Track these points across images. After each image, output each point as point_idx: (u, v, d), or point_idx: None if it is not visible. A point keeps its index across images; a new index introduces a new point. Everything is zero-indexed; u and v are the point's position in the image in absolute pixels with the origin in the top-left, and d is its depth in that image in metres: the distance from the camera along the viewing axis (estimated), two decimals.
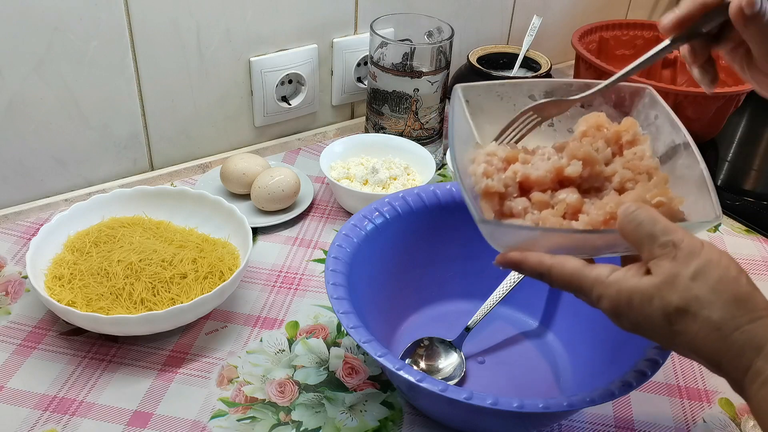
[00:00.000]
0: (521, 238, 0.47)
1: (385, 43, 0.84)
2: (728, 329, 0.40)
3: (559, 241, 0.47)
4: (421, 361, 0.62)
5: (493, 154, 0.50)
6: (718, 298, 0.40)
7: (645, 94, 0.54)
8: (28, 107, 0.73)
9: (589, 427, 0.59)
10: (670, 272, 0.41)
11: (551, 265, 0.45)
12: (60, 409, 0.57)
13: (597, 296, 0.43)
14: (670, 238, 0.41)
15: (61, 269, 0.65)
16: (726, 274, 0.41)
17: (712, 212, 0.46)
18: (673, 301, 0.40)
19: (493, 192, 0.48)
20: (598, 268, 0.44)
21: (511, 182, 0.49)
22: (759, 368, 0.39)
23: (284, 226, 0.80)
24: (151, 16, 0.76)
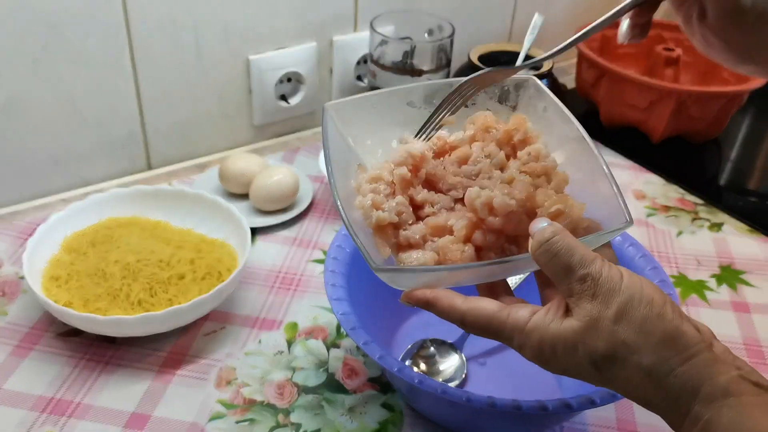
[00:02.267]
0: (427, 279, 0.43)
1: (385, 41, 0.83)
2: (661, 374, 0.37)
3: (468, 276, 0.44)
4: (421, 363, 0.61)
5: (378, 179, 0.46)
6: (645, 340, 0.37)
7: (529, 84, 0.50)
8: (25, 106, 0.73)
9: (591, 429, 0.58)
10: (592, 315, 0.38)
11: (464, 312, 0.42)
12: (57, 410, 0.57)
13: (518, 345, 0.41)
14: (587, 271, 0.38)
15: (58, 270, 0.64)
16: (650, 312, 0.38)
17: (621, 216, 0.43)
18: (599, 348, 0.38)
19: (385, 224, 0.44)
20: (516, 313, 0.41)
21: (404, 208, 0.45)
22: (696, 413, 0.36)
23: (283, 226, 0.79)
24: (148, 14, 0.75)
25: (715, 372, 0.36)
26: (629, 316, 0.38)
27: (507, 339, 0.41)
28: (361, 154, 0.49)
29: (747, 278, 0.76)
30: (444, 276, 0.43)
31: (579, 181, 0.47)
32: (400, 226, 0.45)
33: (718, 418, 0.36)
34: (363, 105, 0.50)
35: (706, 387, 0.36)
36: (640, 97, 0.94)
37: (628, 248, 0.60)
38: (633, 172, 0.94)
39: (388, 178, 0.46)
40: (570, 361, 0.39)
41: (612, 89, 0.96)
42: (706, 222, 0.85)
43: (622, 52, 1.10)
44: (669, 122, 0.94)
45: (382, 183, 0.46)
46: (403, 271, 0.44)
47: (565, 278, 0.39)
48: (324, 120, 0.47)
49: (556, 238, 0.39)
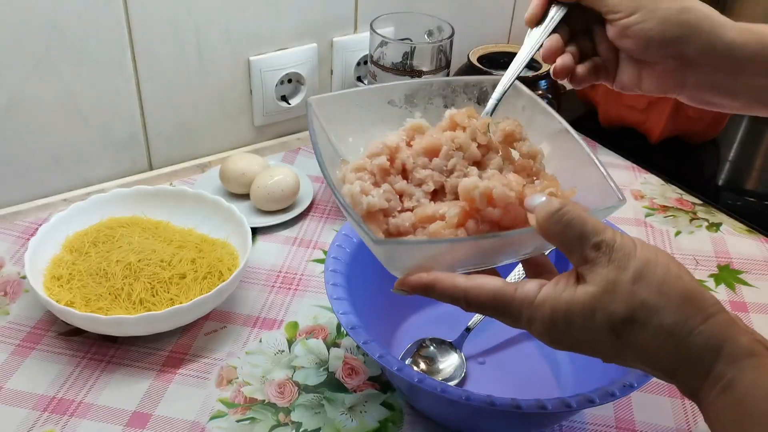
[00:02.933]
0: (428, 253, 0.42)
1: (385, 43, 0.84)
2: (683, 333, 0.36)
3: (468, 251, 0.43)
4: (421, 362, 0.61)
5: (361, 169, 0.46)
6: (666, 300, 0.36)
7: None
8: (27, 107, 0.73)
9: (590, 428, 0.59)
10: (609, 278, 0.37)
11: (467, 288, 0.40)
12: (59, 409, 0.57)
13: (527, 319, 0.39)
14: (602, 238, 0.37)
15: (60, 269, 0.64)
16: (668, 273, 0.37)
17: (613, 195, 0.43)
18: (618, 310, 0.37)
19: (376, 210, 0.44)
20: (523, 287, 0.39)
21: (391, 195, 0.45)
22: (719, 372, 0.36)
23: (284, 226, 0.79)
24: (150, 15, 0.75)
25: (735, 332, 0.36)
26: (647, 278, 0.37)
27: (515, 315, 0.39)
28: (344, 151, 0.49)
29: (745, 278, 0.76)
30: (443, 251, 0.42)
31: (567, 170, 0.47)
32: (389, 213, 0.45)
33: (741, 377, 0.35)
34: (345, 101, 0.50)
35: (728, 346, 0.36)
36: (638, 98, 0.94)
37: None
38: (631, 173, 0.94)
39: (371, 168, 0.46)
40: (586, 330, 0.38)
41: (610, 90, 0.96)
42: (705, 222, 0.85)
43: None
44: (667, 123, 0.94)
45: (365, 173, 0.46)
46: (405, 244, 0.43)
47: (578, 246, 0.38)
48: (309, 114, 0.48)
49: (567, 208, 0.38)
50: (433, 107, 0.51)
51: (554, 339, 0.39)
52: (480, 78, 0.51)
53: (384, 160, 0.46)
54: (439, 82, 0.51)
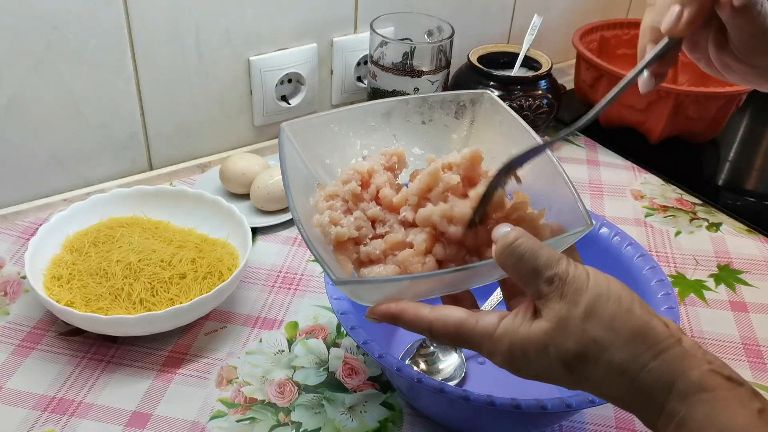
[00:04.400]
0: (390, 291, 0.42)
1: (385, 43, 0.84)
2: (633, 371, 0.36)
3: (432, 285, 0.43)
4: (421, 362, 0.61)
5: (334, 195, 0.46)
6: (615, 337, 0.37)
7: (484, 99, 0.51)
8: (27, 107, 0.73)
9: (590, 428, 0.59)
10: (561, 315, 0.37)
11: (431, 321, 0.41)
12: (59, 409, 0.57)
13: (488, 352, 0.40)
14: (554, 271, 0.38)
15: (60, 269, 0.64)
16: (619, 308, 0.37)
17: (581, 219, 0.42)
18: (570, 347, 0.37)
19: (346, 240, 0.44)
20: (484, 320, 0.40)
21: (363, 223, 0.45)
22: (672, 409, 0.36)
23: (284, 226, 0.79)
24: (150, 15, 0.75)
25: (687, 366, 0.36)
26: (598, 314, 0.37)
27: (476, 346, 0.41)
28: (321, 173, 0.49)
29: (745, 278, 0.76)
30: (407, 286, 0.42)
31: (541, 189, 0.47)
32: (359, 241, 0.45)
33: (693, 413, 0.35)
34: (320, 124, 0.50)
35: (679, 382, 0.36)
36: (638, 98, 0.94)
37: (627, 248, 0.60)
38: (631, 173, 0.94)
39: (343, 194, 0.46)
40: (541, 364, 0.39)
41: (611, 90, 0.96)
42: (705, 222, 0.85)
43: (620, 53, 1.10)
44: (667, 123, 0.94)
45: (338, 200, 0.45)
46: (366, 283, 0.43)
47: (532, 280, 0.39)
48: (280, 139, 0.47)
49: (520, 240, 0.39)
50: (410, 124, 0.50)
51: (515, 370, 0.40)
52: (457, 93, 0.51)
53: (355, 185, 0.46)
54: (416, 99, 0.51)
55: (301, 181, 0.46)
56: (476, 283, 0.44)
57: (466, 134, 0.50)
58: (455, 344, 0.41)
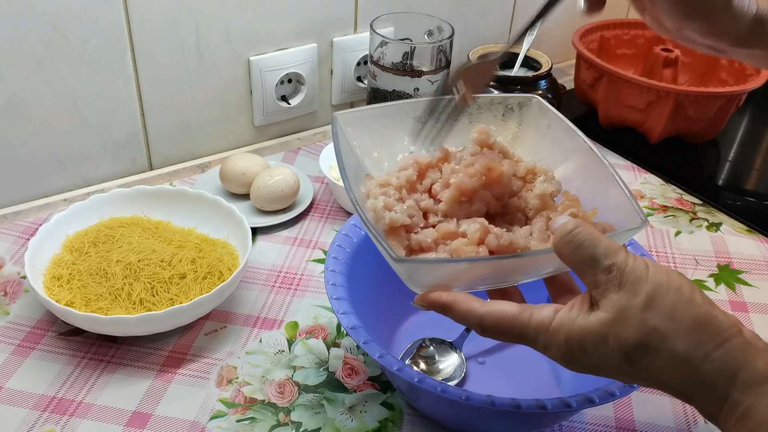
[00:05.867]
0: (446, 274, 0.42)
1: (385, 43, 0.84)
2: (697, 360, 0.36)
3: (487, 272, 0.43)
4: (421, 362, 0.61)
5: (386, 184, 0.46)
6: (677, 326, 0.36)
7: (533, 103, 0.51)
8: (27, 107, 0.73)
9: (590, 428, 0.59)
10: (620, 305, 0.37)
11: (483, 315, 0.40)
12: (59, 409, 0.57)
13: (544, 345, 0.39)
14: (613, 261, 0.37)
15: (60, 269, 0.64)
16: (680, 298, 0.37)
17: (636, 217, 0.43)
18: (630, 337, 0.37)
19: (398, 226, 0.44)
20: (539, 313, 0.39)
21: (414, 212, 0.45)
22: (735, 400, 0.35)
23: (284, 226, 0.79)
24: (150, 15, 0.75)
25: (751, 357, 0.36)
26: (658, 303, 0.36)
27: (531, 340, 0.40)
28: (368, 165, 0.50)
29: (745, 278, 0.76)
30: (463, 270, 0.42)
31: (590, 189, 0.47)
32: (411, 229, 0.45)
33: (758, 404, 0.35)
34: (370, 117, 0.51)
35: (743, 372, 0.35)
36: (638, 98, 0.94)
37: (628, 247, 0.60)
38: (631, 173, 0.94)
39: (396, 184, 0.46)
40: (600, 356, 0.38)
41: (610, 90, 0.97)
42: (705, 222, 0.85)
43: (620, 53, 1.10)
44: (667, 123, 0.94)
45: (390, 188, 0.46)
46: (424, 263, 0.43)
47: (590, 269, 0.38)
48: (334, 128, 0.48)
49: (579, 229, 0.38)
50: (457, 123, 0.51)
51: (571, 364, 0.40)
52: (506, 96, 0.52)
53: (412, 173, 0.46)
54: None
55: (351, 169, 0.47)
56: (528, 273, 0.44)
57: (512, 137, 0.51)
58: (507, 339, 0.41)
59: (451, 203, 0.45)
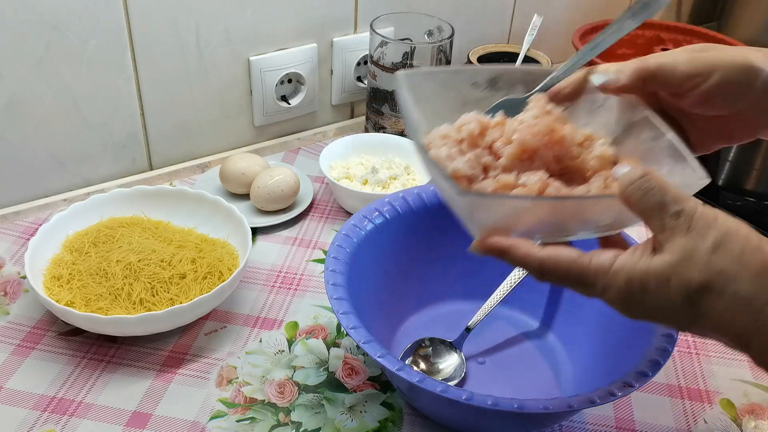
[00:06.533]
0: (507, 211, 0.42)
1: (385, 43, 0.84)
2: (760, 303, 0.36)
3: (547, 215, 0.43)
4: (421, 362, 0.61)
5: (446, 137, 0.47)
6: (744, 269, 0.36)
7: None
8: (27, 107, 0.73)
9: (590, 428, 0.59)
10: (687, 247, 0.37)
11: (542, 258, 0.40)
12: (59, 409, 0.57)
13: (602, 288, 0.39)
14: (682, 207, 0.38)
15: (60, 269, 0.64)
16: (747, 244, 0.37)
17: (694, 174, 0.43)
18: (694, 278, 0.36)
19: (461, 176, 0.44)
20: (599, 257, 0.40)
21: (476, 163, 0.46)
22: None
23: (284, 226, 0.79)
24: (150, 15, 0.75)
25: None
26: (726, 248, 0.37)
27: (589, 284, 0.40)
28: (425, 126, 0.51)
29: None
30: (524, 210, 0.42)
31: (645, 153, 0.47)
32: (472, 180, 0.45)
33: None
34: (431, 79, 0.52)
35: None
36: None
37: None
38: None
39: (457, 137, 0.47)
40: (661, 298, 0.38)
41: None
42: None
43: (620, 53, 1.10)
44: None
45: (450, 140, 0.47)
46: (488, 197, 0.43)
47: (657, 214, 0.38)
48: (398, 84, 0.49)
49: (649, 176, 0.39)
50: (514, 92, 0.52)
51: (628, 307, 0.39)
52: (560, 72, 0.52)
53: (474, 127, 0.47)
54: (523, 71, 0.52)
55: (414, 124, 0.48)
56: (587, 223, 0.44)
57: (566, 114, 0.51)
58: (565, 283, 0.41)
59: (512, 159, 0.46)
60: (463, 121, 0.48)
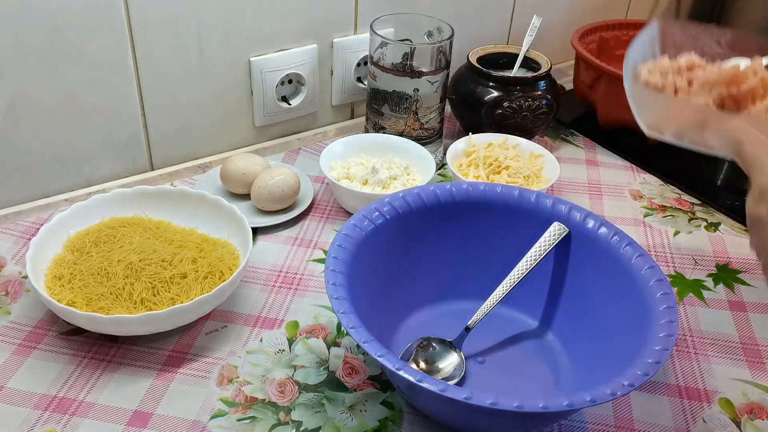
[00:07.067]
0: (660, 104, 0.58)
1: (385, 43, 0.84)
2: None
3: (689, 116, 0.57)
4: (421, 361, 0.62)
5: (663, 66, 0.63)
6: None
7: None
8: (28, 107, 0.73)
9: (589, 427, 0.59)
10: None
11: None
12: (60, 409, 0.58)
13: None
14: None
15: (61, 269, 0.65)
16: None
17: None
18: None
19: (651, 84, 0.60)
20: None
21: (665, 80, 0.62)
22: None
23: (284, 226, 0.80)
24: (151, 15, 0.76)
25: None
26: None
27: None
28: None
29: (743, 278, 0.76)
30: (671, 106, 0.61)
31: None
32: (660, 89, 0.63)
33: None
34: (684, 30, 0.66)
35: None
36: None
37: (626, 248, 0.60)
38: (630, 173, 0.94)
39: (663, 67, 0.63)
40: None
41: (609, 90, 0.97)
42: (703, 222, 0.85)
43: (619, 53, 1.10)
44: None
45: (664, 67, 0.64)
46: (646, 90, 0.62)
47: None
48: (648, 28, 0.64)
49: None
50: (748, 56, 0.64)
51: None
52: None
53: (683, 61, 0.61)
54: (760, 40, 0.65)
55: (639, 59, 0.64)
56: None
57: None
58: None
59: (697, 86, 0.62)
60: (678, 57, 0.63)
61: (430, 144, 0.90)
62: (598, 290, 0.62)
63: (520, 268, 0.63)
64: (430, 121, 0.88)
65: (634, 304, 0.57)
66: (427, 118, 0.88)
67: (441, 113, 0.90)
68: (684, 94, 0.63)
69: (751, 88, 0.61)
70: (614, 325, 0.59)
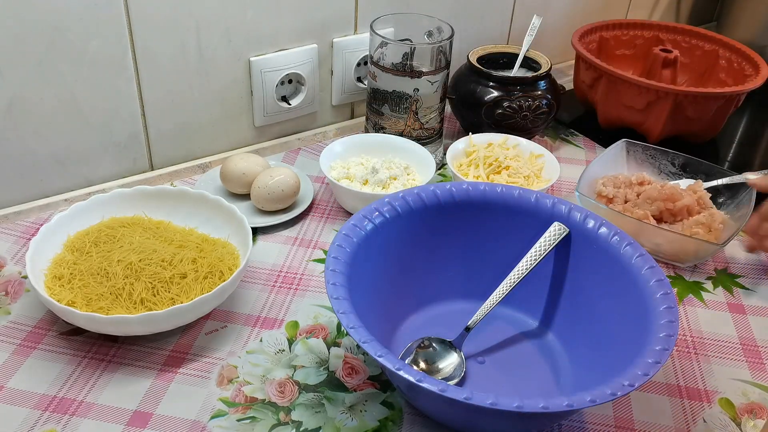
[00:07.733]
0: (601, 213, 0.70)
1: (385, 43, 0.84)
2: None
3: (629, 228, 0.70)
4: (421, 361, 0.62)
5: (617, 179, 0.82)
6: None
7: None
8: (28, 107, 0.73)
9: (590, 427, 0.59)
10: None
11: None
12: (60, 409, 0.57)
13: None
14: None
15: (61, 269, 0.65)
16: None
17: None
18: None
19: (602, 195, 0.82)
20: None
21: (615, 193, 0.81)
22: None
23: (284, 226, 0.80)
24: (151, 15, 0.76)
25: None
26: None
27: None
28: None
29: (742, 282, 0.76)
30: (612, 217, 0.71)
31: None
32: (611, 200, 0.82)
33: None
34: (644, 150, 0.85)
35: None
36: (637, 99, 0.94)
37: (626, 248, 0.61)
38: None
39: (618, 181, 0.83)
40: None
41: (609, 90, 0.97)
42: None
43: (619, 53, 1.10)
44: (666, 123, 0.95)
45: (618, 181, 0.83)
46: (593, 203, 0.78)
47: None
48: (617, 147, 0.82)
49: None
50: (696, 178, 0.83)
51: None
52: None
53: (634, 178, 0.82)
54: (707, 165, 0.82)
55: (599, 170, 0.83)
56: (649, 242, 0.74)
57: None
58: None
59: (641, 199, 0.79)
60: (635, 175, 0.82)
61: (430, 144, 0.90)
62: (598, 290, 0.62)
63: (520, 268, 0.63)
64: (430, 121, 0.88)
65: (634, 304, 0.57)
66: (427, 118, 0.88)
67: (441, 113, 0.90)
68: (631, 205, 0.78)
69: (686, 206, 0.77)
70: (614, 325, 0.59)
